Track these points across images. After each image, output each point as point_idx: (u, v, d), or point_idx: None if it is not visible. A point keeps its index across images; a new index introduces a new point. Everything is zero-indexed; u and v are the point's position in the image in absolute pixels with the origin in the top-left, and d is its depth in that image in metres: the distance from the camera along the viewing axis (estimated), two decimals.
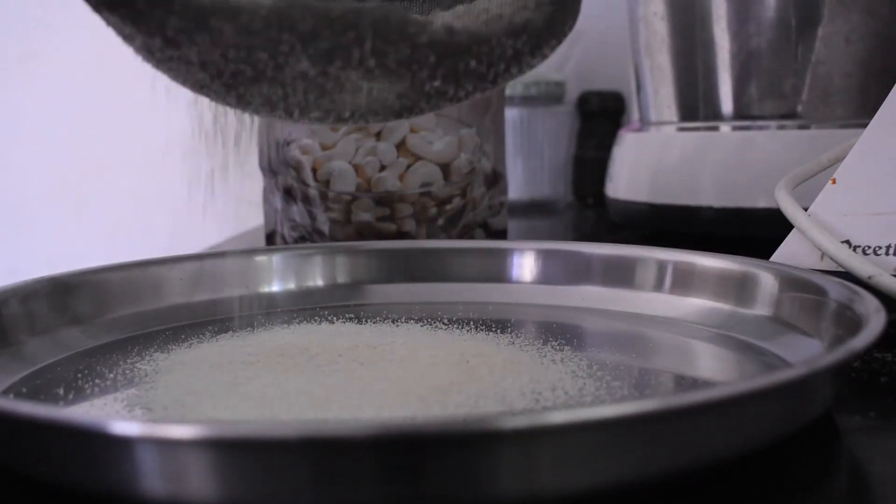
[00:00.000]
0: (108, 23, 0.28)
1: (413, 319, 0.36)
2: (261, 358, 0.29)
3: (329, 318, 0.37)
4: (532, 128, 0.88)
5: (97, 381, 0.29)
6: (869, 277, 0.31)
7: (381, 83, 0.28)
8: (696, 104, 0.59)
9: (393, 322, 0.35)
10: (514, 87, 0.85)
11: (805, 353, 0.29)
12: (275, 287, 0.40)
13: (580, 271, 0.40)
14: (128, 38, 0.28)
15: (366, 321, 0.36)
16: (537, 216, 0.86)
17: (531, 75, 0.87)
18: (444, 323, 0.35)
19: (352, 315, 0.37)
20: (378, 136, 0.51)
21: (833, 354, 0.22)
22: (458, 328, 0.34)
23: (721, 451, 0.21)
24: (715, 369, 0.29)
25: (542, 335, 0.33)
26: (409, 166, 0.50)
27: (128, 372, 0.30)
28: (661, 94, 0.61)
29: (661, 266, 0.38)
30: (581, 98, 0.92)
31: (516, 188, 0.86)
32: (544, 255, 0.41)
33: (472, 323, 0.35)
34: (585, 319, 0.36)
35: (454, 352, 0.29)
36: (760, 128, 0.55)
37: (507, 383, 0.26)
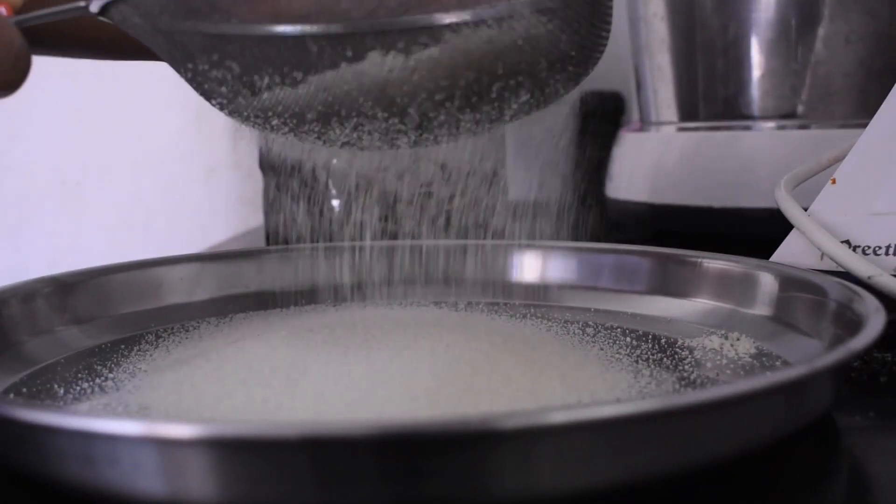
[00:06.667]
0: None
1: (412, 320, 0.36)
2: (261, 357, 0.29)
3: (329, 316, 0.37)
4: (532, 128, 0.88)
5: (97, 381, 0.29)
6: (869, 277, 0.31)
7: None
8: (696, 104, 0.59)
9: (392, 321, 0.35)
10: None
11: (805, 353, 0.29)
12: (274, 287, 0.40)
13: (580, 271, 0.40)
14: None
15: (365, 319, 0.36)
16: (537, 216, 0.86)
17: None
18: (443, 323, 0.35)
19: (351, 315, 0.37)
20: None
21: (833, 354, 0.22)
22: (457, 328, 0.34)
23: (721, 451, 0.21)
24: (715, 369, 0.29)
25: (541, 335, 0.33)
26: (409, 166, 0.50)
27: (128, 372, 0.30)
28: (661, 94, 0.61)
29: (662, 266, 0.38)
30: (581, 98, 0.92)
31: (516, 188, 0.86)
32: (544, 255, 0.41)
33: (470, 323, 0.35)
34: (585, 319, 0.36)
35: (453, 351, 0.29)
36: (760, 128, 0.55)
37: (506, 383, 0.26)
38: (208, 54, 0.28)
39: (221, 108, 0.30)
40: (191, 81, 0.30)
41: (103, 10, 0.29)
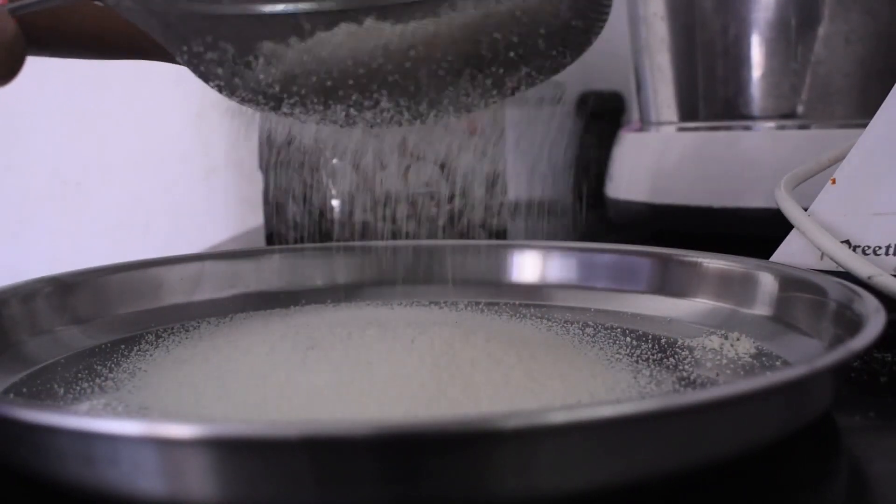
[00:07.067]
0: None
1: (412, 320, 0.36)
2: (261, 357, 0.29)
3: (329, 316, 0.37)
4: (532, 128, 0.88)
5: (97, 381, 0.29)
6: (869, 277, 0.31)
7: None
8: (696, 104, 0.59)
9: (392, 321, 0.35)
10: None
11: (805, 353, 0.29)
12: (274, 287, 0.40)
13: (580, 271, 0.40)
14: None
15: (365, 319, 0.36)
16: (537, 216, 0.86)
17: None
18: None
19: (351, 315, 0.37)
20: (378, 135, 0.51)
21: (833, 354, 0.22)
22: (457, 328, 0.34)
23: (721, 451, 0.21)
24: (715, 369, 0.29)
25: (541, 335, 0.33)
26: (408, 166, 0.50)
27: (128, 372, 0.30)
28: (661, 94, 0.61)
29: (662, 266, 0.38)
30: (581, 98, 0.92)
31: (516, 188, 0.86)
32: (544, 255, 0.41)
33: (470, 323, 0.35)
34: (585, 319, 0.36)
35: (454, 351, 0.29)
36: (760, 128, 0.55)
37: (506, 383, 0.26)
38: (203, 36, 0.28)
39: (220, 90, 0.30)
40: (188, 64, 0.29)
41: None
